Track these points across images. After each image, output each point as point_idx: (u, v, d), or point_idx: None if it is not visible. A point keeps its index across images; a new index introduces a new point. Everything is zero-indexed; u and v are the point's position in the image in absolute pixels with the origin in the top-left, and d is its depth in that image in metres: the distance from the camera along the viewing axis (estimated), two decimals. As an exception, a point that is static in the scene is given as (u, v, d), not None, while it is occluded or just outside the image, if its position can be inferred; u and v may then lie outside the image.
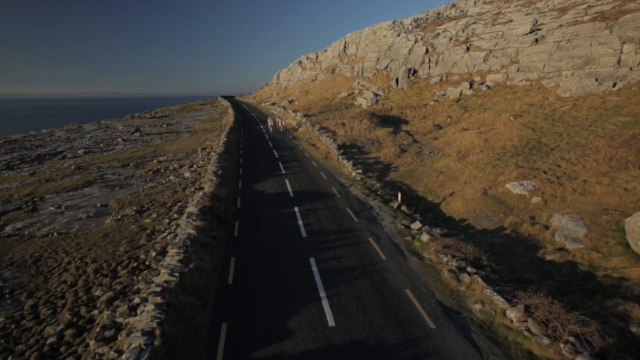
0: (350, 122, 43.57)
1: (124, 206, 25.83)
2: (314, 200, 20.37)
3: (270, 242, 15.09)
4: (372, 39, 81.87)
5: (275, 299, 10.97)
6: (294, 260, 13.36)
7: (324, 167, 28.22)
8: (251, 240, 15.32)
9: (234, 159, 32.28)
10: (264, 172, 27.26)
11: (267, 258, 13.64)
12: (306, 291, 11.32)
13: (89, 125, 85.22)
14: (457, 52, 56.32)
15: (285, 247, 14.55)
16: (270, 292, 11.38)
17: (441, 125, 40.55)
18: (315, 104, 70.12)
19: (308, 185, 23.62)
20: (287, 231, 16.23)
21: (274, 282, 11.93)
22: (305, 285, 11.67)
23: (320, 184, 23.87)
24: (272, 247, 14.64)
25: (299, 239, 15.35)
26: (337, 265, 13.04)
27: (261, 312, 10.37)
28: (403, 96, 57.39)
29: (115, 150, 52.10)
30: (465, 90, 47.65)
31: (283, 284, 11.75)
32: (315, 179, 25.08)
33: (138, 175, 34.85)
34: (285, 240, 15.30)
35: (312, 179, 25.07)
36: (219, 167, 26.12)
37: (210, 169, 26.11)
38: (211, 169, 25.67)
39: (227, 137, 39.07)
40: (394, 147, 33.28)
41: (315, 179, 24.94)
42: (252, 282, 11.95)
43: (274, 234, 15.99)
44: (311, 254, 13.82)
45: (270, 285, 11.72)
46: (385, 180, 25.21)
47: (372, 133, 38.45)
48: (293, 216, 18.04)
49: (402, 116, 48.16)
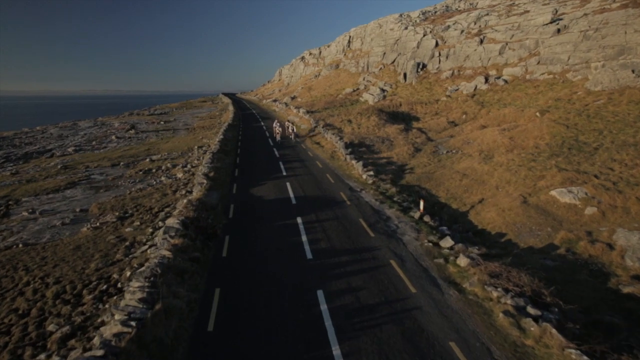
0: (357, 119, 40.36)
1: (105, 211, 22.87)
2: (320, 209, 17.24)
3: (267, 266, 11.95)
4: (378, 32, 78.48)
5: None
6: (297, 295, 10.20)
7: (330, 169, 25.08)
8: (243, 264, 12.19)
9: (230, 158, 29.16)
10: (263, 173, 24.15)
11: (262, 291, 10.50)
12: (315, 346, 8.20)
13: (85, 123, 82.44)
14: (470, 45, 52.93)
15: (285, 274, 11.41)
16: (263, 345, 8.27)
17: (456, 122, 37.30)
18: (319, 100, 66.93)
19: (312, 189, 20.48)
20: (288, 250, 13.09)
21: (271, 328, 8.81)
22: (312, 336, 8.54)
23: (326, 188, 20.73)
24: (269, 273, 11.50)
25: (303, 262, 12.21)
26: (354, 302, 9.89)
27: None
28: (412, 92, 54.11)
29: (108, 148, 49.22)
30: (481, 84, 44.32)
31: (283, 334, 8.62)
32: (320, 182, 21.94)
33: (127, 176, 31.89)
34: (285, 263, 12.16)
35: (317, 182, 21.93)
36: (212, 168, 23.01)
37: (201, 170, 23.01)
38: (202, 170, 22.56)
39: (224, 135, 35.95)
40: (407, 145, 30.09)
41: (321, 182, 21.80)
42: (241, 328, 8.84)
43: (272, 254, 12.86)
44: (319, 285, 10.66)
45: (265, 335, 8.61)
46: (401, 184, 22.04)
47: (382, 130, 35.24)
48: (295, 229, 14.91)
49: (412, 112, 44.90)
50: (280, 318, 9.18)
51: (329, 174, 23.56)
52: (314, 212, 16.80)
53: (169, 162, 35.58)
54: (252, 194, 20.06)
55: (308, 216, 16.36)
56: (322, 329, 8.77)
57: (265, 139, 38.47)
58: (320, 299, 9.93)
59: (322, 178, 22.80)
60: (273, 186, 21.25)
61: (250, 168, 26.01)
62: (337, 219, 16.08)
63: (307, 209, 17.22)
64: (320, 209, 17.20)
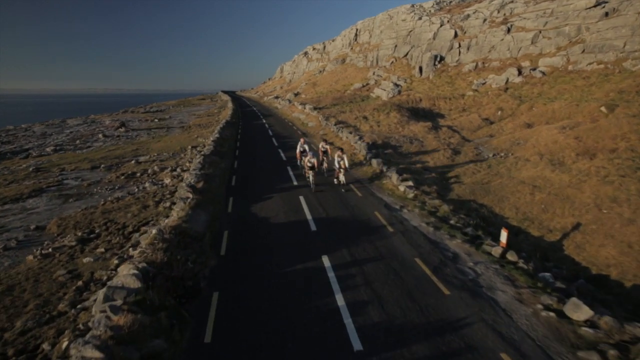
0: (374, 115, 34.98)
1: (66, 230, 17.59)
2: (353, 240, 11.88)
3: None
4: (388, 24, 73.05)
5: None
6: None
7: (353, 176, 19.71)
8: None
9: (226, 162, 23.74)
10: (268, 182, 18.79)
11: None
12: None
13: (74, 120, 77.16)
14: (496, 35, 47.54)
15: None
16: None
17: (491, 120, 31.94)
18: (325, 96, 61.55)
19: (336, 207, 15.12)
20: (317, 330, 7.70)
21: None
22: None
23: (354, 204, 15.37)
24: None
25: (349, 357, 6.87)
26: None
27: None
28: (430, 86, 48.73)
29: (92, 147, 43.88)
30: (513, 77, 38.94)
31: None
32: (344, 195, 16.57)
33: (106, 181, 26.59)
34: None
35: (339, 195, 16.55)
36: (201, 176, 17.59)
37: (186, 179, 17.59)
38: (188, 179, 17.13)
39: (220, 134, 30.56)
40: (442, 147, 24.72)
41: (345, 196, 16.42)
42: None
43: (291, 336, 7.49)
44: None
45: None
46: (451, 199, 16.68)
47: (406, 129, 29.89)
48: (323, 281, 9.53)
49: (435, 109, 39.54)
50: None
51: (353, 184, 18.19)
52: (346, 246, 11.42)
53: (157, 164, 30.32)
54: (254, 213, 14.67)
55: (338, 254, 10.98)
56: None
57: (268, 138, 33.11)
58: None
59: (346, 190, 17.43)
60: (282, 201, 15.87)
61: (252, 175, 20.63)
62: (381, 258, 10.70)
63: (335, 241, 11.85)
64: (354, 241, 11.83)
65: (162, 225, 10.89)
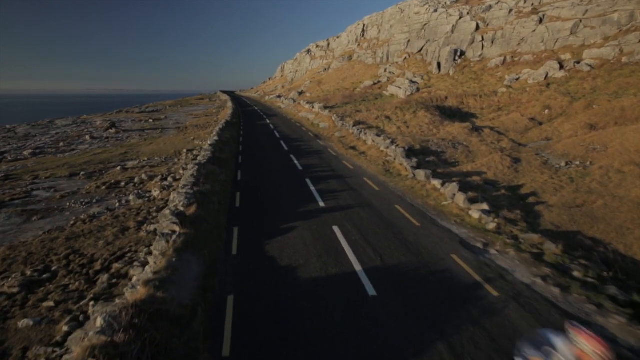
0: (398, 115, 30.12)
1: (13, 265, 13.16)
2: (444, 317, 7.01)
3: None
4: (399, 18, 68.28)
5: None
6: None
7: (395, 194, 14.80)
8: None
9: (227, 172, 18.79)
10: (285, 203, 13.88)
11: None
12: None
13: (63, 121, 72.19)
14: (526, 26, 42.79)
15: None
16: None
17: (539, 120, 27.12)
18: (333, 94, 56.71)
19: (389, 244, 10.23)
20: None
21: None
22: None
23: (412, 240, 10.48)
24: None
25: None
26: None
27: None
28: (453, 83, 43.92)
29: (76, 151, 38.94)
30: (554, 71, 34.15)
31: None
32: (395, 224, 11.67)
33: (84, 192, 21.81)
34: None
35: (389, 225, 11.65)
36: (194, 195, 12.64)
37: (172, 201, 12.58)
38: (175, 201, 12.13)
39: (220, 136, 25.62)
40: (496, 153, 19.85)
41: (397, 226, 11.53)
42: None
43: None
44: None
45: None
46: (547, 230, 11.81)
47: (442, 131, 25.04)
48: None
49: (463, 107, 34.74)
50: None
51: (400, 206, 13.28)
52: (440, 336, 6.53)
53: (147, 171, 25.52)
54: (271, 259, 9.73)
55: (431, 354, 6.14)
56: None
57: (275, 141, 28.22)
58: None
59: (392, 214, 12.52)
60: (310, 235, 10.94)
61: (262, 192, 15.69)
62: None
63: (415, 321, 6.95)
64: (446, 320, 6.94)
65: (119, 305, 5.99)
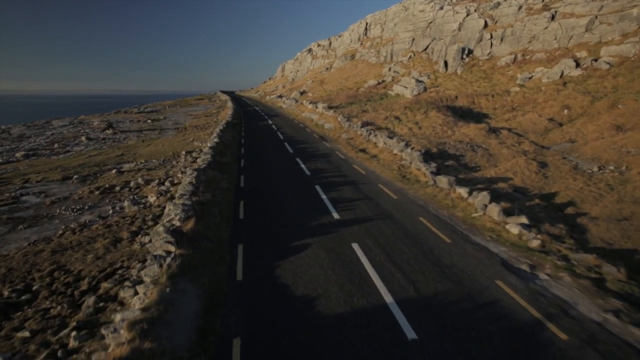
0: (408, 116, 28.57)
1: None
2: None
3: None
4: (403, 16, 66.76)
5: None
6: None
7: (416, 203, 13.24)
8: None
9: (230, 178, 17.22)
10: (295, 214, 12.30)
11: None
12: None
13: (60, 121, 70.52)
14: (537, 23, 41.28)
15: None
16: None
17: (558, 120, 25.59)
18: (336, 94, 55.17)
19: (422, 267, 8.67)
20: None
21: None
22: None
23: (451, 263, 8.91)
24: None
25: None
26: None
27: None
28: (461, 82, 42.39)
29: (71, 152, 37.33)
30: (569, 69, 32.63)
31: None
32: (423, 241, 10.11)
33: (76, 197, 20.25)
34: None
35: (417, 242, 10.08)
36: (192, 207, 11.05)
37: (168, 215, 10.95)
38: (171, 214, 10.54)
39: (220, 138, 24.05)
40: (520, 157, 18.31)
41: (428, 244, 9.97)
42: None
43: None
44: None
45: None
46: (598, 247, 10.27)
47: (457, 132, 23.50)
48: None
49: (475, 107, 33.23)
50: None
51: (424, 218, 11.74)
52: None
53: (143, 174, 23.99)
54: (283, 286, 8.10)
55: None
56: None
57: (278, 143, 26.67)
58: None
59: (417, 228, 10.97)
60: (326, 256, 9.38)
61: (268, 200, 14.12)
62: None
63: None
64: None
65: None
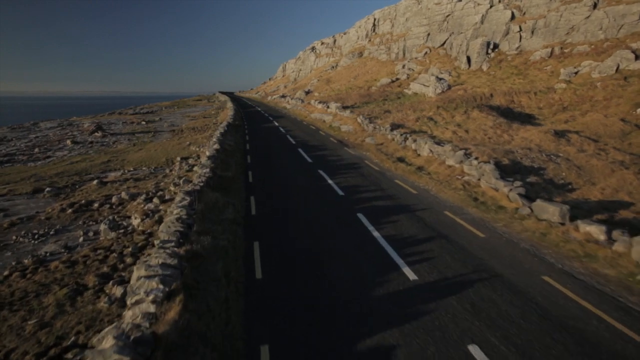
0: (444, 116, 23.99)
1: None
2: None
3: None
4: (415, 10, 62.29)
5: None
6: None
7: (519, 246, 8.67)
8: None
9: (236, 203, 12.55)
10: (343, 274, 7.69)
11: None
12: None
13: (48, 123, 65.67)
14: (576, 12, 36.80)
15: None
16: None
17: (632, 122, 21.07)
18: (346, 93, 50.62)
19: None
20: None
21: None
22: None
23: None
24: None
25: None
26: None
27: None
28: (489, 79, 37.88)
29: (52, 158, 32.46)
30: (627, 62, 28.15)
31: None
32: (593, 342, 5.63)
33: (42, 218, 15.41)
34: None
35: (580, 343, 5.61)
36: (178, 270, 6.52)
37: (136, 291, 6.33)
38: (140, 293, 5.96)
39: (221, 144, 19.42)
40: (618, 170, 13.76)
41: (599, 346, 5.50)
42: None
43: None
44: None
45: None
46: None
47: (515, 137, 18.91)
48: None
49: (515, 107, 28.70)
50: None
51: (557, 282, 7.17)
52: None
53: (129, 186, 19.25)
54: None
55: None
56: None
57: (291, 149, 22.03)
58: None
59: (557, 304, 6.42)
60: None
61: (295, 244, 9.48)
62: None
63: None
64: None
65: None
